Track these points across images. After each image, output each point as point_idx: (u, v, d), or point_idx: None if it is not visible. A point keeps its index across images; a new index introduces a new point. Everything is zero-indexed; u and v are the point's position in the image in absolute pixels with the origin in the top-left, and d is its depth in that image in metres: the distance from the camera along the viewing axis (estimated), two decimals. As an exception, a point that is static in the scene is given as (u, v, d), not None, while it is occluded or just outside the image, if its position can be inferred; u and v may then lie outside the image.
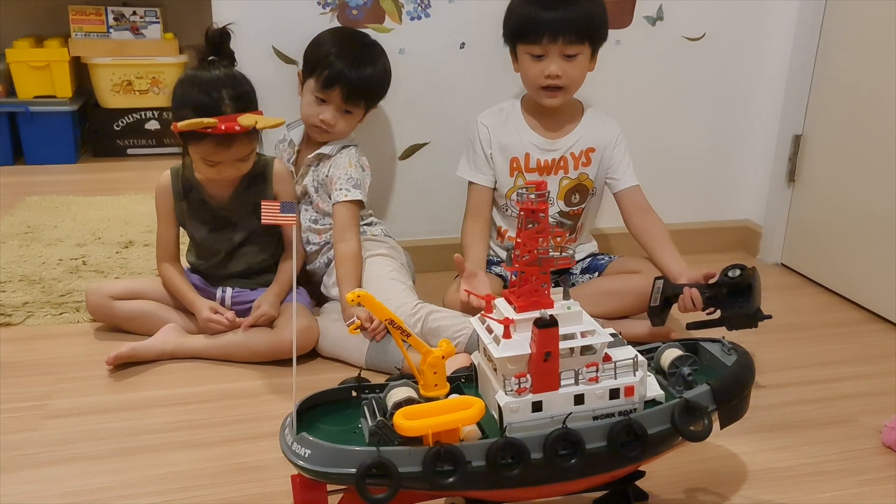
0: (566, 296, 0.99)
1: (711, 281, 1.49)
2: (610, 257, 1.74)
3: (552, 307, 0.96)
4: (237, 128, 1.41)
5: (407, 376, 1.02)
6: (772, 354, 1.59)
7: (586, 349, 0.96)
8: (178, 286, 1.57)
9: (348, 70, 1.57)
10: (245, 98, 1.47)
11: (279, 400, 1.38)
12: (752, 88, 2.05)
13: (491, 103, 1.87)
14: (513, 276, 0.97)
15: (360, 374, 1.06)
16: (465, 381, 1.06)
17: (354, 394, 1.03)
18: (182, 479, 1.15)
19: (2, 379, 1.42)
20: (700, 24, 1.96)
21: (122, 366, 1.47)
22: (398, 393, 0.97)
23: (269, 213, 0.96)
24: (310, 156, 1.64)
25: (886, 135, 1.71)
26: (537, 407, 0.94)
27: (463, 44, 1.84)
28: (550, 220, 1.64)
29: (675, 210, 2.01)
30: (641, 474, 1.08)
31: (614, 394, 0.96)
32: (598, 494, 1.09)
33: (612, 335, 1.00)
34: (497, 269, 1.71)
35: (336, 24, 1.75)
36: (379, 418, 0.93)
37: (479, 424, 0.95)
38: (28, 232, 2.17)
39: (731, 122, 2.07)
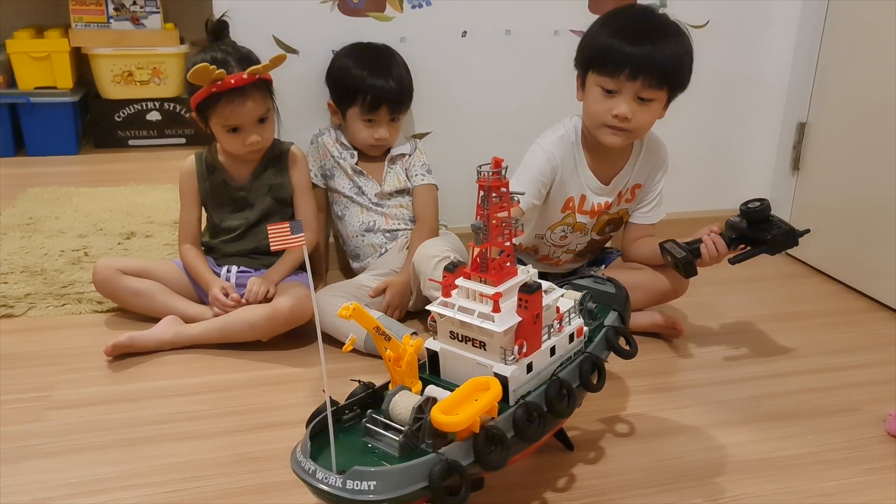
0: (519, 261, 1.06)
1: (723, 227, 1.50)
2: (618, 251, 1.73)
3: (517, 274, 1.02)
4: (244, 76, 1.48)
5: (369, 387, 1.01)
6: (776, 343, 1.58)
7: (548, 305, 1.04)
8: (195, 266, 1.61)
9: (386, 86, 1.65)
10: (248, 58, 1.53)
11: (281, 390, 1.38)
12: (757, 76, 2.03)
13: (493, 92, 1.86)
14: (475, 251, 1.00)
15: (329, 398, 0.99)
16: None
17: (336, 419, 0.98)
18: (185, 470, 1.15)
19: (4, 370, 1.42)
20: (704, 12, 1.94)
21: (123, 357, 1.47)
22: (407, 398, 0.95)
23: (279, 237, 0.89)
24: (387, 157, 1.74)
25: (891, 123, 1.70)
26: (530, 368, 1.00)
27: (465, 32, 1.82)
28: (578, 246, 1.67)
29: (679, 198, 1.99)
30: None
31: (571, 338, 1.08)
32: None
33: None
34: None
35: (337, 13, 1.73)
36: (406, 427, 0.91)
37: None
38: (30, 223, 2.17)
39: (735, 109, 2.06)
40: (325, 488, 0.85)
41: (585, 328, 1.12)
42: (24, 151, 2.94)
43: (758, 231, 1.46)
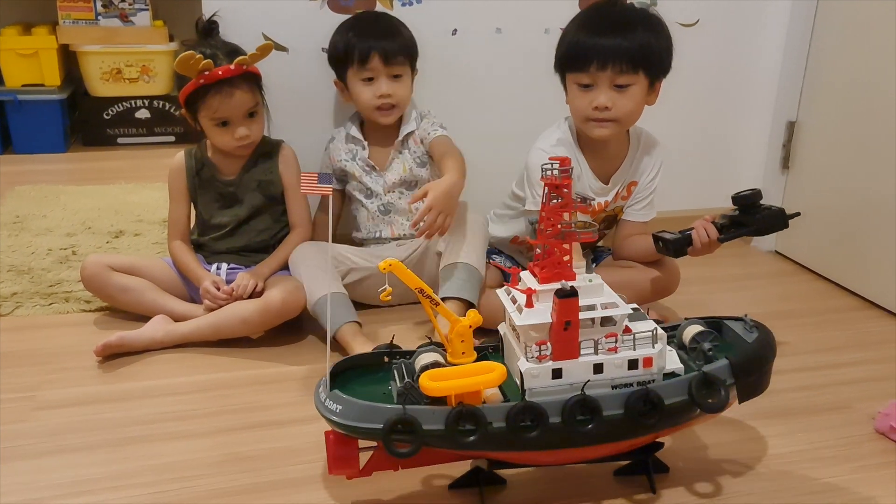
0: (589, 270, 1.02)
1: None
2: (608, 250, 1.73)
3: (574, 279, 0.99)
4: (232, 67, 1.48)
5: (436, 344, 1.06)
6: (766, 341, 1.59)
7: (606, 320, 0.99)
8: (186, 262, 1.60)
9: (374, 36, 1.61)
10: (236, 53, 1.53)
11: (272, 389, 1.37)
12: (747, 75, 2.04)
13: (483, 90, 1.86)
14: (537, 250, 1.01)
15: (392, 340, 1.10)
16: (492, 352, 1.09)
17: (386, 359, 1.07)
18: (174, 470, 1.14)
19: (-9, 370, 1.41)
20: (694, 10, 1.94)
21: (113, 356, 1.46)
22: (425, 357, 1.01)
23: (308, 184, 1.01)
24: (398, 140, 1.69)
25: (880, 121, 1.71)
26: (557, 374, 0.97)
27: (455, 30, 1.82)
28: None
29: (669, 197, 1.99)
30: (660, 446, 1.11)
31: (633, 364, 0.99)
32: (620, 464, 1.12)
33: (634, 309, 1.04)
34: (498, 259, 1.70)
35: (327, 10, 1.73)
36: (406, 380, 0.98)
37: (502, 389, 1.00)
38: (17, 222, 2.15)
39: (725, 108, 2.06)
40: (315, 397, 1.01)
41: (675, 364, 1.03)
42: (11, 149, 2.92)
43: (748, 216, 1.48)
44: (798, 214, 1.50)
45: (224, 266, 1.61)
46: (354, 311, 1.50)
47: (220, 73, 1.48)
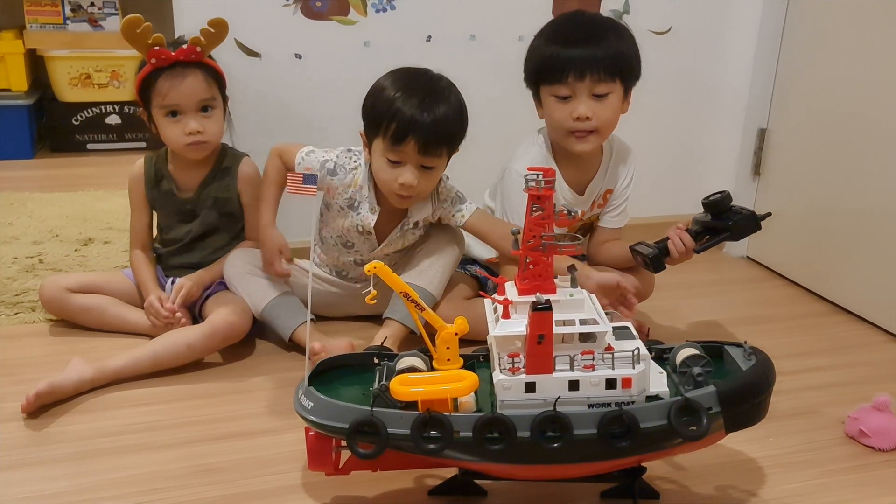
0: (573, 283, 1.01)
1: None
2: (584, 256, 1.73)
3: (554, 292, 0.97)
4: (183, 46, 1.44)
5: (426, 352, 1.05)
6: (738, 347, 1.60)
7: (586, 337, 0.97)
8: (141, 273, 1.57)
9: (419, 115, 1.35)
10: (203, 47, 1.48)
11: (241, 400, 1.35)
12: (718, 82, 2.06)
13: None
14: (527, 261, 1.00)
15: (383, 342, 1.10)
16: (482, 360, 1.08)
17: (376, 361, 1.07)
18: (141, 483, 1.12)
19: (-48, 382, 1.37)
20: (666, 18, 1.96)
21: (43, 408, 1.30)
22: (404, 361, 1.03)
23: (293, 184, 1.04)
24: (406, 226, 1.52)
25: (850, 128, 1.73)
26: (530, 388, 0.96)
27: (429, 37, 1.82)
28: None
29: (641, 203, 2.00)
30: (642, 470, 1.08)
31: (611, 384, 0.97)
32: (607, 486, 1.09)
33: (622, 328, 1.03)
34: (472, 270, 1.69)
35: (300, 16, 1.72)
36: (382, 383, 0.98)
37: (479, 400, 1.00)
38: (-18, 229, 2.11)
39: (697, 115, 2.08)
40: (294, 395, 1.03)
41: (659, 388, 1.00)
42: (-24, 156, 2.86)
43: (721, 220, 1.48)
44: (769, 215, 1.50)
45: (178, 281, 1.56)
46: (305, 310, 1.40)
47: (171, 53, 1.43)
